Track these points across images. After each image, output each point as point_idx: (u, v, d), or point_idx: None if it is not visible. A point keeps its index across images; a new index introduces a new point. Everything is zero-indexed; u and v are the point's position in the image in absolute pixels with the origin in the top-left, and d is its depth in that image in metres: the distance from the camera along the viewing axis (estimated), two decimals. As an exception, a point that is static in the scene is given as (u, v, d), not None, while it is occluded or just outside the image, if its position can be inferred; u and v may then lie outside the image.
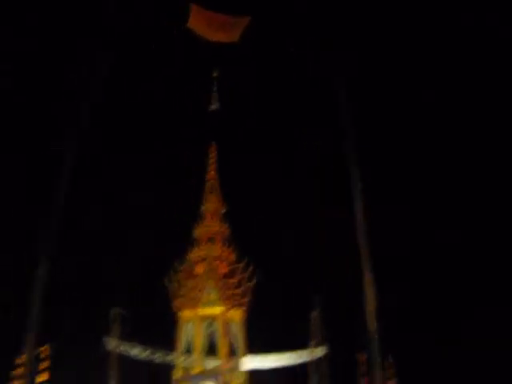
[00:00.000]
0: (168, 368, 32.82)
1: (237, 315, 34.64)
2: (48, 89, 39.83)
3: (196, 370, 32.42)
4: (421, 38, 39.47)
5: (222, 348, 33.14)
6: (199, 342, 33.32)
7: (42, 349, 24.57)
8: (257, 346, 33.76)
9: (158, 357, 31.27)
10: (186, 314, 34.26)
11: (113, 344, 28.18)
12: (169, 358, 32.07)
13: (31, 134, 41.22)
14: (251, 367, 32.78)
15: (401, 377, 28.36)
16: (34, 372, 24.19)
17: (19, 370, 24.04)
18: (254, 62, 38.72)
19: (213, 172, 38.41)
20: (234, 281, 35.00)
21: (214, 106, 37.49)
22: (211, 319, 34.03)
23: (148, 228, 34.59)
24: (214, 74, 38.21)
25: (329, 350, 31.71)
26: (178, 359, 32.68)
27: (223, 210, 37.78)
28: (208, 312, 33.93)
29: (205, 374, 32.09)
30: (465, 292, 40.55)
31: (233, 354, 33.79)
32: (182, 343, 33.85)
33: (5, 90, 34.81)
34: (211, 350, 33.75)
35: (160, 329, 34.72)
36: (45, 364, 24.39)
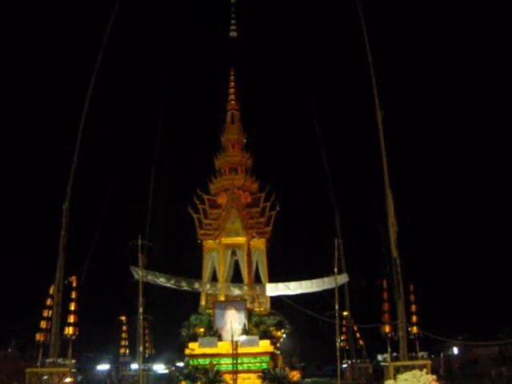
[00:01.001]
0: (194, 295, 33.61)
1: (260, 243, 35.10)
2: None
3: (221, 297, 33.17)
4: None
5: (247, 275, 33.79)
6: (224, 270, 34.00)
7: (71, 279, 25.24)
8: (280, 273, 34.41)
9: (184, 285, 31.93)
10: (210, 243, 34.84)
11: (139, 273, 28.72)
12: (194, 286, 32.71)
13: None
14: (274, 294, 33.31)
15: (421, 302, 28.75)
16: (63, 302, 24.96)
17: (49, 300, 24.86)
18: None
19: (233, 102, 38.17)
20: (256, 210, 35.35)
21: (233, 33, 36.75)
22: (235, 248, 34.55)
23: (171, 159, 34.73)
24: (232, 0, 37.31)
25: (350, 276, 32.11)
26: (204, 287, 33.36)
27: (244, 140, 37.77)
28: (232, 241, 34.41)
29: (230, 301, 32.79)
30: (486, 219, 40.59)
31: (256, 281, 34.48)
32: (207, 271, 34.58)
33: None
34: (236, 277, 34.46)
35: (185, 258, 35.43)
36: (73, 294, 25.15)
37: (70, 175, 26.98)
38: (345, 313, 34.32)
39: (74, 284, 25.34)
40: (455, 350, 54.98)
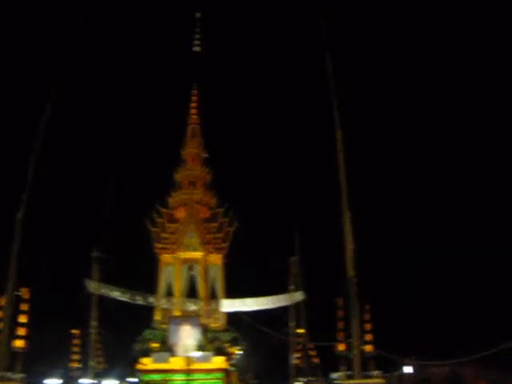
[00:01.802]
0: (148, 310, 33.20)
1: (217, 259, 34.88)
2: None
3: (176, 312, 32.83)
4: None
5: (202, 291, 33.54)
6: (180, 285, 33.67)
7: (22, 291, 24.69)
8: (236, 289, 34.27)
9: (139, 299, 31.51)
10: (167, 257, 34.45)
11: (93, 286, 28.27)
12: (149, 300, 32.32)
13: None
14: (230, 310, 33.16)
15: (377, 321, 28.93)
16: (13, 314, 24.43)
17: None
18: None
19: (195, 116, 38.00)
20: (214, 225, 35.14)
21: (196, 48, 36.75)
22: (192, 263, 34.27)
23: (129, 172, 34.40)
24: (197, 16, 37.38)
25: (307, 294, 32.16)
26: (159, 301, 32.98)
27: (205, 155, 37.59)
28: (189, 255, 34.13)
29: (185, 316, 32.45)
30: (441, 242, 41.12)
31: (212, 297, 34.23)
32: (162, 286, 34.14)
33: None
34: (192, 292, 34.13)
35: (141, 272, 34.97)
36: (24, 306, 24.59)
37: (26, 182, 26.48)
38: (300, 330, 34.22)
39: (26, 296, 24.76)
40: (410, 369, 55.11)
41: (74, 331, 34.52)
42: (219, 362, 31.00)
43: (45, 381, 50.16)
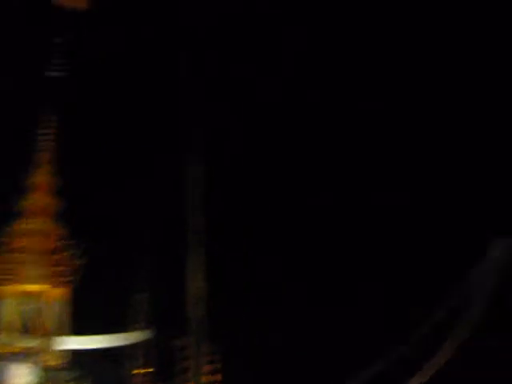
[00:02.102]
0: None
1: (60, 293, 33.44)
2: None
3: (9, 349, 31.09)
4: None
5: (40, 327, 32.01)
6: (15, 320, 32.06)
7: None
8: (79, 326, 32.99)
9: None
10: (3, 289, 32.70)
11: None
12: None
13: None
14: (72, 348, 32.03)
15: (225, 363, 28.79)
16: None
17: None
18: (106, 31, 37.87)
19: (45, 142, 36.43)
20: (60, 257, 33.72)
21: (53, 73, 35.82)
22: (31, 296, 32.69)
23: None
24: (58, 40, 36.48)
25: (153, 333, 31.60)
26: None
27: (55, 183, 36.11)
28: (28, 288, 32.59)
29: (18, 354, 30.78)
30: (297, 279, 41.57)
31: (53, 333, 32.62)
32: (-3, 320, 32.29)
33: None
34: (29, 328, 32.44)
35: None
36: None
37: None
38: (147, 370, 33.47)
39: None
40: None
41: None
42: (58, 403, 29.70)
43: None
